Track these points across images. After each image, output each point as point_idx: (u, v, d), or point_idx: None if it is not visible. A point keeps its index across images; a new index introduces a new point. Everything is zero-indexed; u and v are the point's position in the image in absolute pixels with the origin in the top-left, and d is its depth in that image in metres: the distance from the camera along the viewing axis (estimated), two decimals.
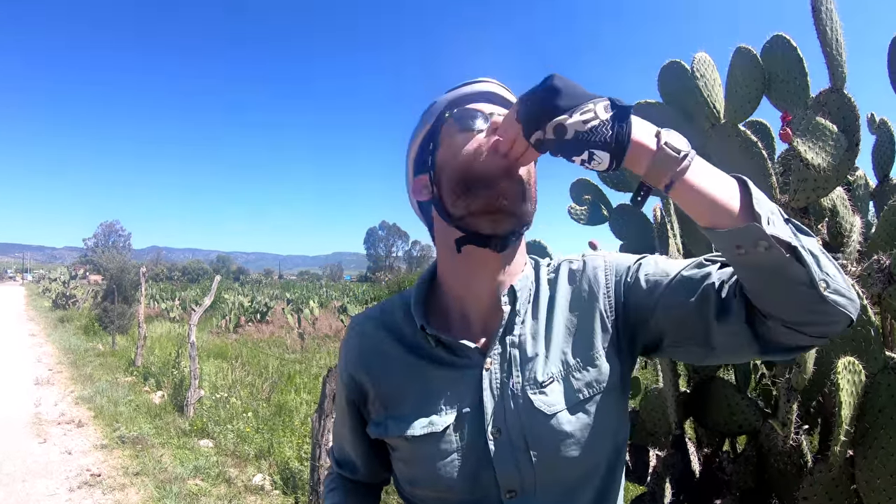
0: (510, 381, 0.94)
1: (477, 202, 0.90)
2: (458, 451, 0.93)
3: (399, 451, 1.00)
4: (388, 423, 1.00)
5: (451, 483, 0.93)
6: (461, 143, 0.94)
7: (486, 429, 0.92)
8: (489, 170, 0.89)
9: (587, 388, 0.95)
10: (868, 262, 1.80)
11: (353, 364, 1.06)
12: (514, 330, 0.98)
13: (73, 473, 5.38)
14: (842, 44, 1.78)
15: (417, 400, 0.97)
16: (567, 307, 1.00)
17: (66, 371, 10.63)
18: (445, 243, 0.99)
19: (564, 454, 0.91)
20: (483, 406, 0.93)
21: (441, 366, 0.98)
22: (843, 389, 1.40)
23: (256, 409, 7.45)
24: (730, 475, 1.97)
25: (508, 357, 0.96)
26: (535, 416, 0.92)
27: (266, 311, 21.23)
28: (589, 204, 2.64)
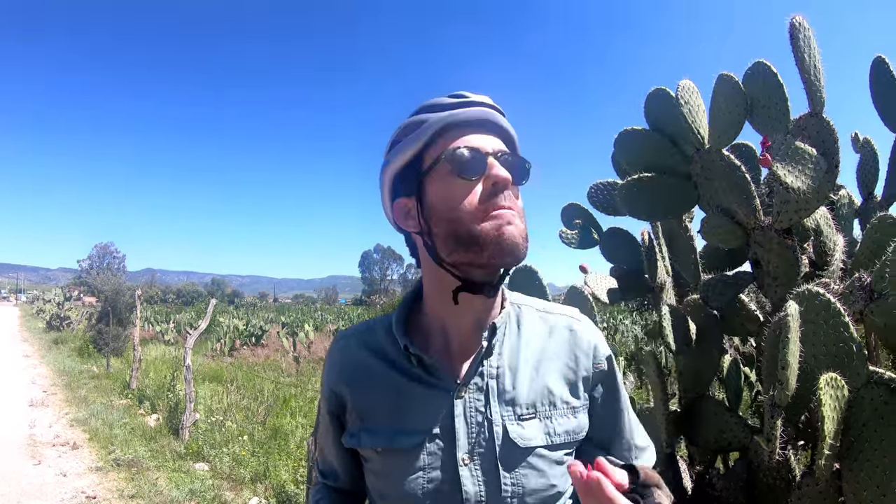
0: (488, 411, 0.98)
1: (480, 252, 0.92)
2: (425, 470, 0.96)
3: (370, 462, 1.04)
4: (361, 434, 1.03)
5: (416, 500, 0.96)
6: (458, 191, 0.94)
7: (457, 453, 0.96)
8: (493, 224, 0.92)
9: (566, 434, 1.00)
10: (850, 280, 1.86)
11: (335, 377, 1.09)
12: (493, 362, 1.01)
13: (68, 496, 5.35)
14: (820, 69, 1.86)
15: (392, 415, 1.01)
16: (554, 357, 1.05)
17: (60, 393, 10.57)
18: (433, 276, 1.03)
19: (534, 486, 0.96)
20: (455, 431, 0.97)
21: (418, 384, 1.01)
22: (826, 404, 1.44)
23: (252, 433, 7.43)
24: (720, 491, 2.01)
25: (486, 388, 0.99)
26: (510, 447, 0.96)
27: (261, 335, 21.17)
28: (580, 228, 2.69)
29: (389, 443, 0.99)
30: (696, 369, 2.16)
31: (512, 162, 0.97)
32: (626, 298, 2.55)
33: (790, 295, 1.70)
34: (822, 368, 1.58)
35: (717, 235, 2.08)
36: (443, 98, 1.00)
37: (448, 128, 0.97)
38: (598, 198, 2.64)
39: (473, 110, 0.97)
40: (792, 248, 1.98)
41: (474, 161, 0.94)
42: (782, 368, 1.51)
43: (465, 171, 0.93)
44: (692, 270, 2.27)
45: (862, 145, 2.66)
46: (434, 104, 0.99)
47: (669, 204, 2.18)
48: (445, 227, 0.94)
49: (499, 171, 0.93)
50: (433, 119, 0.97)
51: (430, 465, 0.96)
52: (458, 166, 0.93)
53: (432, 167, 0.96)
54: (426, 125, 0.97)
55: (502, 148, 0.98)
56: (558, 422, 1.00)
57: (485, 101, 0.99)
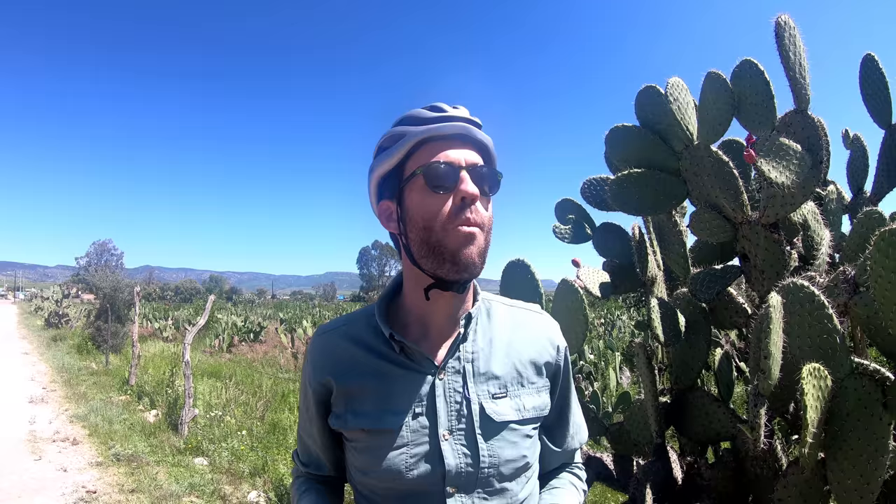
0: (465, 390, 1.09)
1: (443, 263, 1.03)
2: (408, 446, 1.05)
3: (355, 442, 1.11)
4: (347, 416, 1.11)
5: (399, 475, 1.05)
6: (431, 203, 1.03)
7: (438, 430, 1.06)
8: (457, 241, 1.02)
9: (533, 409, 1.14)
10: (835, 274, 1.90)
11: (320, 369, 1.16)
12: (469, 347, 1.13)
13: (68, 490, 5.39)
14: (805, 67, 1.89)
15: (377, 397, 1.09)
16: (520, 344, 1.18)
17: (59, 390, 10.60)
18: (411, 272, 1.13)
19: (508, 456, 1.08)
20: (436, 409, 1.07)
21: (401, 369, 1.10)
22: (808, 394, 1.48)
23: (251, 428, 7.47)
24: (708, 480, 2.05)
25: (463, 370, 1.10)
26: (487, 422, 1.08)
27: (259, 331, 21.18)
28: (573, 223, 2.73)
29: (375, 423, 1.07)
30: (684, 360, 2.20)
31: (484, 174, 1.07)
32: (618, 292, 2.59)
33: (775, 288, 1.73)
34: (806, 359, 1.61)
35: (706, 230, 2.12)
36: (424, 111, 1.08)
37: (426, 141, 1.06)
38: (591, 193, 2.67)
39: (450, 125, 1.05)
40: (779, 243, 2.02)
41: (447, 176, 1.03)
42: (764, 358, 1.55)
43: (438, 185, 1.03)
44: (681, 264, 2.31)
45: (852, 142, 2.70)
46: (415, 116, 1.08)
47: (658, 199, 2.22)
48: (419, 234, 1.05)
49: (467, 186, 1.03)
50: (412, 132, 1.06)
51: (414, 441, 1.06)
52: (432, 180, 1.03)
53: (410, 178, 1.06)
54: (406, 137, 1.06)
55: (476, 160, 1.07)
56: (526, 399, 1.13)
57: (462, 115, 1.07)
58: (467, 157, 1.06)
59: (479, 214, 1.05)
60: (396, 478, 1.05)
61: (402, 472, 1.05)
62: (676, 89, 2.11)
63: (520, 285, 2.24)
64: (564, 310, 2.21)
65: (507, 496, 1.09)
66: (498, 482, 1.08)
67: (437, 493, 1.05)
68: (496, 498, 1.08)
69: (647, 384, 2.09)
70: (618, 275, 2.54)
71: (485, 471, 1.06)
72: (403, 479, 1.05)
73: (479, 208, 1.05)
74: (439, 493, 1.05)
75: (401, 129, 1.08)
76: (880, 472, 1.55)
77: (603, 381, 8.66)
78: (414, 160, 1.07)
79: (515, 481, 1.11)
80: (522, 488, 1.13)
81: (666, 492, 2.16)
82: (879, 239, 1.45)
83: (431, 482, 1.05)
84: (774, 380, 1.58)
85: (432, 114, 1.07)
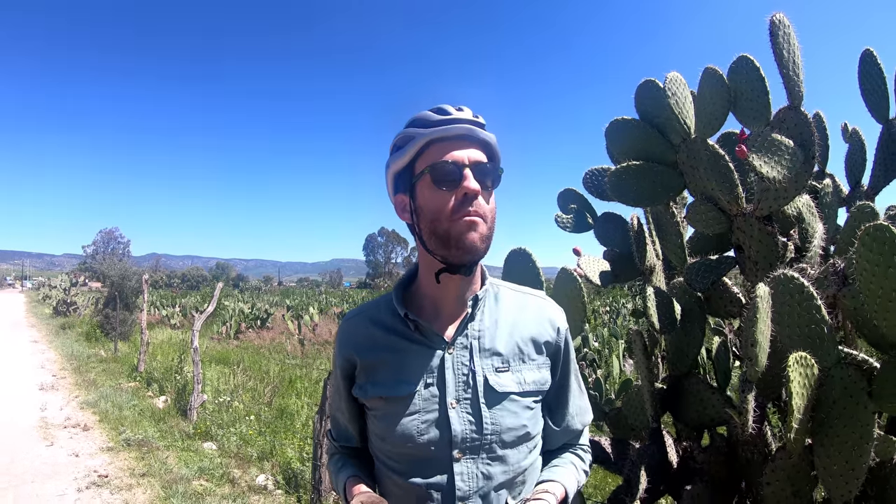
0: (471, 364, 1.23)
1: (449, 248, 1.18)
2: (420, 413, 1.21)
3: (374, 410, 1.27)
4: (367, 386, 1.27)
5: (411, 439, 1.20)
6: (437, 198, 1.18)
7: (447, 399, 1.21)
8: (460, 229, 1.16)
9: (533, 384, 1.28)
10: (825, 266, 1.96)
11: (346, 346, 1.32)
12: (476, 326, 1.27)
13: (80, 475, 5.52)
14: (799, 65, 1.94)
15: (393, 370, 1.25)
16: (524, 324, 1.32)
17: (69, 377, 10.76)
18: (424, 258, 1.28)
19: (509, 424, 1.22)
20: (445, 381, 1.22)
21: (415, 344, 1.25)
22: (794, 381, 1.53)
23: (259, 413, 7.59)
24: (700, 464, 2.12)
25: (470, 346, 1.25)
26: (490, 392, 1.22)
27: (266, 318, 21.34)
28: (574, 212, 2.78)
29: (391, 391, 1.23)
30: (679, 348, 2.26)
31: (486, 170, 1.21)
32: (618, 281, 2.64)
33: (767, 278, 1.79)
34: (795, 348, 1.66)
35: (701, 221, 2.17)
36: (431, 114, 1.21)
37: (433, 142, 1.20)
38: (593, 184, 2.72)
39: (454, 127, 1.18)
40: (772, 235, 2.07)
41: (451, 174, 1.17)
42: (751, 346, 1.62)
43: (443, 183, 1.18)
44: (678, 254, 2.36)
45: (850, 136, 2.74)
46: (423, 119, 1.22)
47: (656, 191, 2.27)
48: (428, 225, 1.20)
49: (470, 183, 1.16)
50: (421, 134, 1.19)
51: (424, 408, 1.21)
52: (438, 179, 1.18)
53: (420, 175, 1.20)
54: (416, 139, 1.20)
55: (479, 158, 1.20)
56: (527, 374, 1.27)
57: (465, 117, 1.20)
58: (471, 155, 1.19)
59: (481, 207, 1.18)
60: (409, 441, 1.20)
61: (415, 436, 1.19)
62: (675, 84, 2.15)
63: (521, 273, 2.30)
64: (563, 297, 2.27)
65: (509, 462, 1.23)
66: (500, 448, 1.21)
67: (445, 458, 1.19)
68: (498, 463, 1.21)
69: (643, 370, 2.16)
70: (618, 264, 2.59)
71: (487, 437, 1.20)
72: (415, 443, 1.20)
73: (481, 201, 1.18)
74: (447, 458, 1.19)
75: (411, 131, 1.21)
76: (865, 459, 1.61)
77: (606, 368, 8.73)
78: (423, 159, 1.21)
79: (516, 449, 1.24)
80: (525, 457, 1.26)
81: (661, 475, 2.23)
82: (864, 234, 1.49)
83: (440, 446, 1.19)
84: (761, 367, 1.64)
85: (438, 116, 1.19)
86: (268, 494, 5.13)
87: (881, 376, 1.60)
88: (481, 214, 1.18)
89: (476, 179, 1.18)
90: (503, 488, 1.22)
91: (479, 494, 1.20)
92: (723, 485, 2.14)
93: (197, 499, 4.94)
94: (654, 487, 2.19)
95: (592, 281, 2.45)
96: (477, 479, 1.20)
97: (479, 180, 1.18)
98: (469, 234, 1.17)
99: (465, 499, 1.19)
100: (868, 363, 1.77)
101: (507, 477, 1.22)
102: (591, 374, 7.52)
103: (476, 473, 1.20)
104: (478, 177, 1.18)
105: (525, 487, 1.28)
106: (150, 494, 5.06)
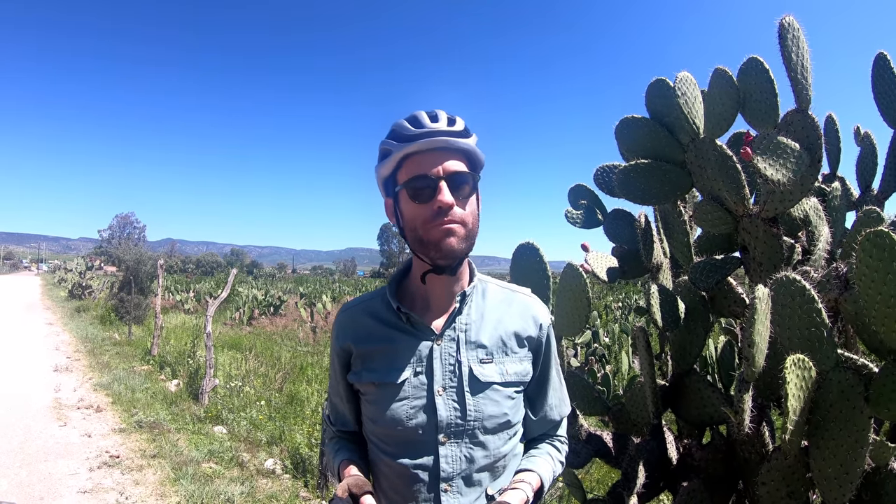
0: (458, 355, 1.32)
1: (429, 252, 1.26)
2: (409, 399, 1.29)
3: (367, 394, 1.36)
4: (362, 372, 1.36)
5: (401, 423, 1.28)
6: (415, 211, 1.26)
7: (434, 387, 1.29)
8: (438, 236, 1.24)
9: (515, 375, 1.36)
10: (827, 270, 1.97)
11: (342, 335, 1.41)
12: (463, 319, 1.35)
13: (93, 454, 5.64)
14: (807, 68, 1.94)
15: (386, 358, 1.33)
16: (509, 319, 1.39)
17: (83, 359, 10.93)
18: (415, 259, 1.35)
19: (490, 412, 1.30)
20: (433, 370, 1.30)
21: (406, 335, 1.34)
22: (791, 382, 1.55)
23: (269, 398, 7.68)
24: (698, 461, 2.14)
25: (457, 338, 1.33)
26: (475, 381, 1.31)
27: (279, 305, 21.48)
28: (584, 208, 2.80)
29: (384, 377, 1.31)
30: (682, 346, 2.28)
31: (463, 178, 1.27)
32: (625, 277, 2.66)
33: (769, 280, 1.80)
34: (795, 350, 1.67)
35: (707, 221, 2.19)
36: (407, 127, 1.26)
37: (409, 156, 1.26)
38: (604, 180, 2.73)
39: (427, 142, 1.23)
40: (777, 236, 2.08)
41: (424, 190, 1.24)
42: (748, 346, 1.63)
43: (418, 198, 1.25)
44: (684, 252, 2.38)
45: (863, 139, 2.73)
46: (400, 132, 1.27)
47: (664, 189, 2.29)
48: (409, 233, 1.29)
49: (444, 196, 1.22)
50: (397, 149, 1.26)
51: (413, 395, 1.30)
52: (413, 195, 1.25)
53: (399, 188, 1.28)
54: (392, 153, 1.27)
55: (455, 168, 1.25)
56: (509, 365, 1.35)
57: (440, 128, 1.24)
58: (447, 166, 1.24)
59: (457, 215, 1.25)
60: (399, 425, 1.28)
61: (403, 420, 1.28)
62: (685, 84, 2.16)
63: (529, 267, 2.34)
64: (568, 292, 2.30)
65: (489, 448, 1.31)
66: (482, 434, 1.29)
67: (431, 441, 1.28)
68: (480, 448, 1.30)
69: (646, 367, 2.18)
70: (625, 260, 2.61)
71: (471, 423, 1.28)
72: (404, 427, 1.28)
73: (457, 210, 1.25)
74: (433, 441, 1.28)
75: (389, 145, 1.28)
76: (860, 463, 1.62)
77: (615, 364, 8.73)
78: (402, 172, 1.28)
79: (497, 435, 1.32)
80: (504, 444, 1.34)
81: (660, 471, 2.26)
82: (864, 239, 1.51)
83: (427, 430, 1.28)
84: (758, 367, 1.66)
85: (413, 130, 1.24)
86: (276, 478, 5.21)
87: (878, 381, 1.61)
88: (458, 221, 1.25)
89: (452, 188, 1.24)
90: (484, 471, 1.31)
91: (461, 476, 1.29)
92: (720, 483, 2.17)
93: (206, 481, 5.02)
94: (652, 483, 2.22)
95: (599, 276, 2.47)
96: (460, 462, 1.28)
97: (456, 189, 1.25)
98: (447, 240, 1.24)
99: (448, 479, 1.28)
100: (868, 368, 1.78)
101: (487, 461, 1.31)
102: (600, 370, 7.52)
103: (459, 456, 1.28)
104: (454, 187, 1.25)
105: (506, 472, 1.36)
106: (160, 475, 5.15)
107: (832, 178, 2.64)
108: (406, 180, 1.26)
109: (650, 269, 2.47)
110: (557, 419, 1.51)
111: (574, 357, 8.38)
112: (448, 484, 1.28)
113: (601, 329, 11.33)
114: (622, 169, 2.30)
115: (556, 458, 1.46)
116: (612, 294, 26.52)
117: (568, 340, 9.01)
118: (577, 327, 2.30)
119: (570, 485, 2.57)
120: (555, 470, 1.43)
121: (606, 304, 20.47)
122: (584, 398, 2.51)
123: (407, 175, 1.26)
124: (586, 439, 2.46)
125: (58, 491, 4.79)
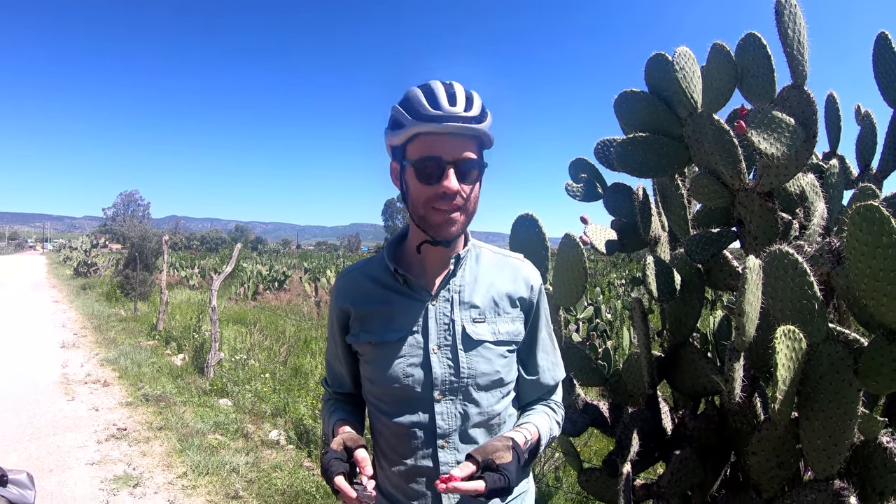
0: (452, 314, 1.36)
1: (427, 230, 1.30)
2: (405, 358, 1.34)
3: (365, 355, 1.40)
4: (360, 333, 1.40)
5: (398, 380, 1.33)
6: (420, 190, 1.27)
7: (429, 345, 1.34)
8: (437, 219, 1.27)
9: (507, 334, 1.40)
10: (821, 244, 1.99)
11: (341, 298, 1.44)
12: (457, 281, 1.40)
13: (100, 427, 5.73)
14: (804, 44, 1.95)
15: (382, 318, 1.38)
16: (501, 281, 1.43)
17: (90, 335, 11.03)
18: (413, 226, 1.37)
19: (483, 370, 1.35)
20: (428, 329, 1.35)
21: (402, 297, 1.38)
22: (780, 353, 1.58)
23: (274, 371, 7.77)
24: (691, 431, 2.19)
25: (451, 299, 1.38)
26: (467, 340, 1.35)
27: (284, 280, 21.58)
28: (585, 182, 2.82)
29: (380, 337, 1.36)
30: (678, 317, 2.32)
31: (472, 164, 1.27)
32: (624, 250, 2.69)
33: (763, 253, 1.83)
34: (786, 322, 1.71)
35: (704, 194, 2.21)
36: (424, 103, 1.23)
37: (420, 135, 1.25)
38: (604, 154, 2.74)
39: (442, 126, 1.21)
40: (772, 211, 2.10)
41: (432, 173, 1.24)
42: (738, 316, 1.67)
43: (425, 179, 1.25)
44: (681, 225, 2.40)
45: (863, 118, 2.74)
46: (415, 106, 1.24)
47: (661, 163, 2.30)
48: (411, 208, 1.31)
49: (450, 183, 1.23)
50: (410, 124, 1.23)
51: (409, 353, 1.34)
52: (420, 175, 1.26)
53: (408, 163, 1.27)
54: (405, 128, 1.25)
55: (464, 155, 1.25)
56: (501, 325, 1.40)
57: (457, 112, 1.22)
58: (457, 152, 1.24)
59: (460, 200, 1.27)
60: (396, 382, 1.33)
61: (400, 377, 1.33)
62: (683, 58, 2.17)
63: (528, 238, 2.38)
64: (565, 262, 2.33)
65: (483, 405, 1.36)
66: (475, 391, 1.35)
67: (427, 398, 1.33)
68: (473, 405, 1.35)
69: (642, 338, 2.22)
70: (624, 233, 2.64)
71: (464, 380, 1.33)
72: (401, 384, 1.33)
73: (460, 196, 1.26)
74: (429, 398, 1.33)
75: (401, 118, 1.26)
76: (848, 435, 1.66)
77: (617, 339, 8.77)
78: (412, 148, 1.27)
79: (490, 393, 1.37)
80: (498, 402, 1.39)
81: (655, 441, 2.31)
82: (854, 213, 1.52)
83: (423, 387, 1.33)
84: (748, 336, 1.69)
85: (430, 111, 1.21)
86: (280, 449, 5.30)
87: (868, 355, 1.64)
88: (460, 207, 1.28)
89: (460, 175, 1.25)
90: (479, 427, 1.36)
91: (457, 432, 1.34)
92: (712, 452, 2.22)
93: (212, 451, 5.12)
94: (647, 452, 2.27)
95: (598, 248, 2.50)
96: (455, 419, 1.34)
97: (463, 175, 1.26)
98: (446, 226, 1.28)
99: (445, 436, 1.33)
100: (858, 342, 1.81)
101: (482, 418, 1.36)
102: (602, 345, 7.57)
103: (454, 413, 1.34)
104: (461, 173, 1.26)
105: (501, 431, 1.41)
106: (166, 447, 5.25)
107: (832, 156, 2.65)
108: (415, 159, 1.26)
109: (648, 241, 2.50)
110: (552, 384, 1.54)
111: (576, 332, 8.44)
112: (445, 440, 1.33)
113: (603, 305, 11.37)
114: (620, 142, 2.32)
115: (553, 418, 1.49)
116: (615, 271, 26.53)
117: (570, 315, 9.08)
118: (574, 297, 2.34)
119: (567, 454, 2.63)
120: (551, 427, 1.46)
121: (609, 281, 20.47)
122: (582, 368, 2.56)
123: (416, 153, 1.26)
124: (583, 408, 2.51)
125: (66, 463, 4.87)
